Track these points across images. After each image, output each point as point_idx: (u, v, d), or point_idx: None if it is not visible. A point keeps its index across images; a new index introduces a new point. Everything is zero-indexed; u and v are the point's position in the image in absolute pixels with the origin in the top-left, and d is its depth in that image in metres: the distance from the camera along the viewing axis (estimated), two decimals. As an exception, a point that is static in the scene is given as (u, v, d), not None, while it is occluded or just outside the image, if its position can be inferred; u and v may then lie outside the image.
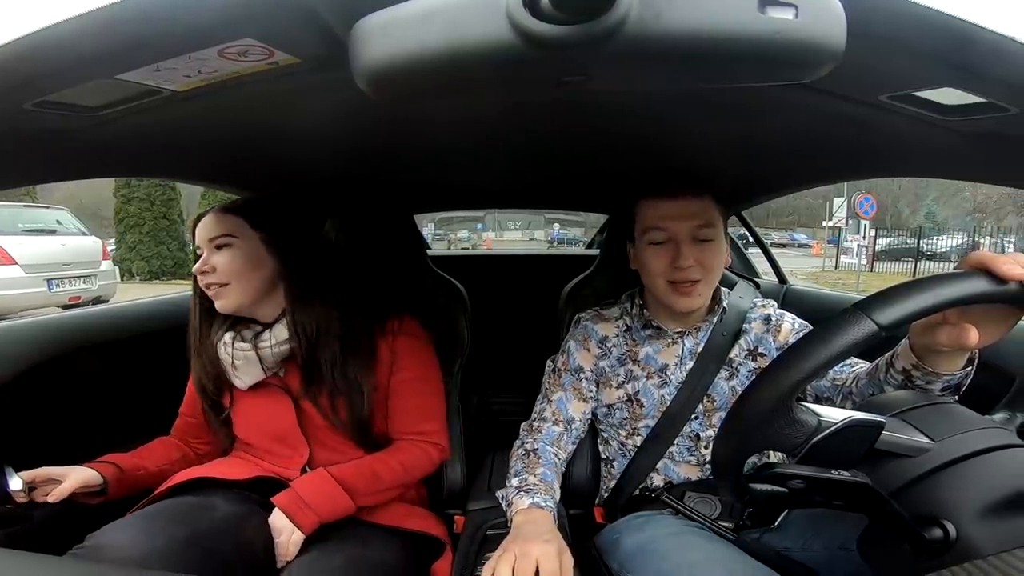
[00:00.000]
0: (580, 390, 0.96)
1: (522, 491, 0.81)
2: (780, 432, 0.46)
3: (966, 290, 0.46)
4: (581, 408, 0.96)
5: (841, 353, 0.44)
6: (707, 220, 0.86)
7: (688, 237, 0.85)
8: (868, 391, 0.71)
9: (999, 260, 0.47)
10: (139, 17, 0.40)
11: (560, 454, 0.92)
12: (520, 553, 0.65)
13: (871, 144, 0.74)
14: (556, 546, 0.67)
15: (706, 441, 0.91)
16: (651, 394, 0.93)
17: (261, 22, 0.42)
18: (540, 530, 0.72)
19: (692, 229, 0.85)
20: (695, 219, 0.85)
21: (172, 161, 0.89)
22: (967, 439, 0.46)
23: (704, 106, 0.69)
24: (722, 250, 0.88)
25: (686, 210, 0.86)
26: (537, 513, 0.76)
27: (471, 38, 0.31)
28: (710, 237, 0.86)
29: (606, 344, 0.97)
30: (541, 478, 0.84)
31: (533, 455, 0.89)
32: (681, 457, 0.92)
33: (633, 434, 0.94)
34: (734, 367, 0.93)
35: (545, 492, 0.81)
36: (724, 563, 0.70)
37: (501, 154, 1.02)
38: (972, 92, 0.47)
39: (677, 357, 0.94)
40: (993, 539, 0.40)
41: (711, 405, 0.92)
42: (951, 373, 0.61)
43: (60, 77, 0.46)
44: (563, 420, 0.95)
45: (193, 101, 0.56)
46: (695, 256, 0.85)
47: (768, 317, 0.96)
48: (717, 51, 0.31)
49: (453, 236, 11.82)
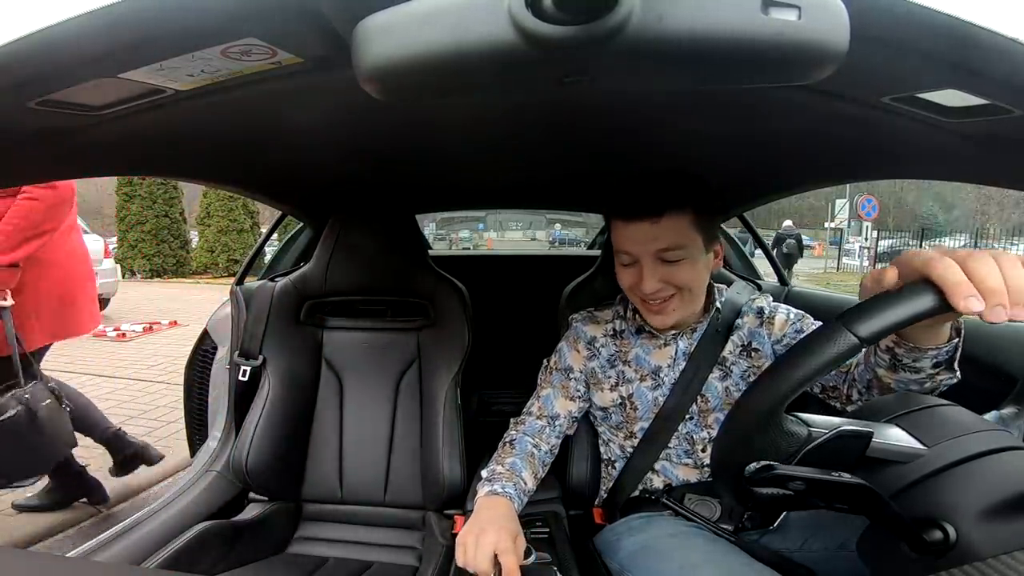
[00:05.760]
0: (568, 389, 0.98)
1: (487, 480, 0.84)
2: (772, 443, 0.47)
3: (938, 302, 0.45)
4: (567, 406, 0.97)
5: (824, 366, 0.44)
6: (671, 242, 0.80)
7: (652, 259, 0.82)
8: (865, 376, 0.71)
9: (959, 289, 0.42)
10: (142, 16, 0.40)
11: (541, 445, 0.94)
12: (475, 541, 0.69)
13: (873, 146, 0.74)
14: (509, 531, 0.71)
15: (702, 444, 0.91)
16: (644, 396, 0.93)
17: (264, 22, 0.42)
18: (495, 515, 0.75)
19: (655, 252, 0.81)
20: (656, 243, 0.81)
21: (174, 160, 0.89)
22: (961, 443, 0.45)
23: (705, 107, 0.69)
24: (697, 267, 0.83)
25: (647, 234, 0.81)
26: (495, 500, 0.80)
27: (473, 38, 0.31)
28: (678, 258, 0.81)
29: (594, 345, 0.97)
30: (509, 467, 0.87)
31: (509, 445, 0.93)
32: (679, 459, 0.92)
33: (630, 436, 0.94)
34: (727, 367, 0.92)
35: (508, 480, 0.84)
36: (725, 564, 0.70)
37: (502, 154, 1.02)
38: (975, 94, 0.47)
39: (670, 359, 0.93)
40: (993, 541, 0.40)
41: (705, 406, 0.91)
42: (935, 347, 0.58)
43: (63, 76, 0.46)
44: (547, 415, 0.97)
45: (196, 100, 0.56)
46: (662, 276, 0.82)
47: (761, 310, 0.94)
48: (719, 52, 0.31)
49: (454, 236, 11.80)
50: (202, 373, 1.45)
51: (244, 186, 1.19)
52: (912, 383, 0.64)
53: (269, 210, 2.11)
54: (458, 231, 12.35)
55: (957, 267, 0.44)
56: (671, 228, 0.80)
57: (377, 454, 1.23)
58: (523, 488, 0.85)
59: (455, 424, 1.15)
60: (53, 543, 1.78)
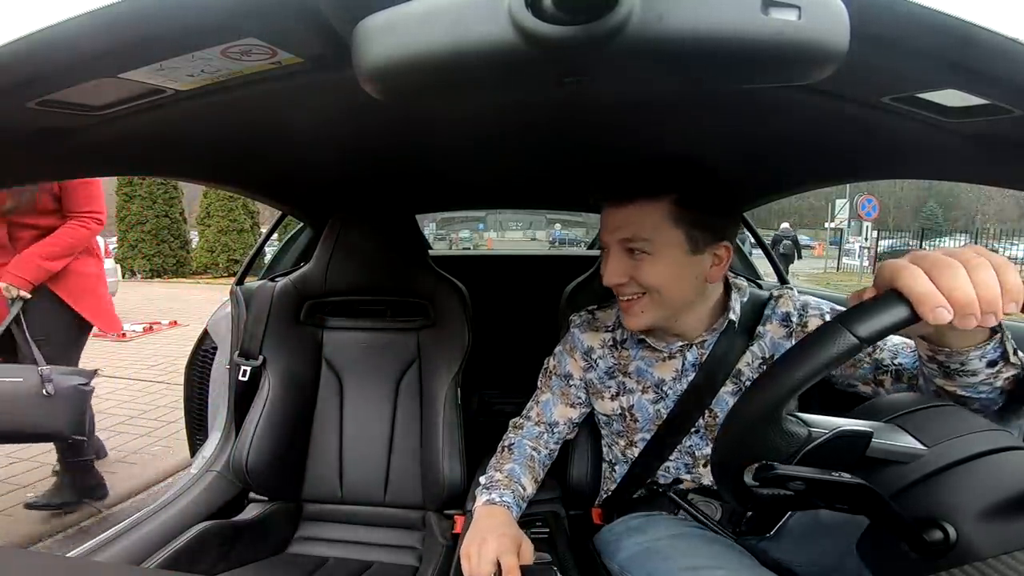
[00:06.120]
0: (568, 395, 0.96)
1: (485, 488, 0.84)
2: (771, 443, 0.47)
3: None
4: (567, 413, 0.96)
5: (824, 367, 0.44)
6: (635, 233, 0.75)
7: (617, 249, 0.78)
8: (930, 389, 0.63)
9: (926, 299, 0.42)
10: (142, 16, 0.40)
11: (540, 449, 0.93)
12: (477, 551, 0.69)
13: (873, 146, 0.74)
14: (512, 538, 0.71)
15: (704, 459, 0.87)
16: (645, 408, 0.89)
17: (264, 22, 0.42)
18: (495, 524, 0.75)
19: (619, 241, 0.77)
20: (619, 231, 0.77)
21: (174, 160, 0.89)
22: (962, 443, 0.45)
23: (705, 107, 0.69)
24: (671, 266, 0.76)
25: (613, 220, 0.77)
26: (493, 509, 0.79)
27: (473, 38, 0.31)
28: (642, 250, 0.76)
29: (591, 356, 0.93)
30: (507, 473, 0.86)
31: (507, 450, 0.92)
32: (678, 471, 0.89)
33: (631, 445, 0.92)
34: (742, 381, 0.84)
35: (506, 487, 0.83)
36: (726, 564, 0.70)
37: (502, 154, 1.02)
38: (975, 94, 0.47)
39: (675, 371, 0.87)
40: (993, 541, 0.40)
41: (713, 421, 0.85)
42: (975, 346, 0.54)
43: (63, 76, 0.46)
44: (545, 422, 0.95)
45: (196, 100, 0.56)
46: (627, 270, 0.77)
47: (788, 317, 0.84)
48: (720, 52, 0.31)
49: (454, 236, 11.79)
50: (202, 373, 1.45)
51: (244, 186, 1.19)
52: (981, 387, 0.58)
53: (269, 210, 2.12)
54: (458, 231, 12.34)
55: (924, 277, 0.43)
56: (638, 217, 0.75)
57: (377, 454, 1.23)
58: (521, 495, 0.85)
59: (455, 424, 1.15)
60: (53, 543, 1.79)
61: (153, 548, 0.93)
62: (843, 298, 1.49)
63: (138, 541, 0.95)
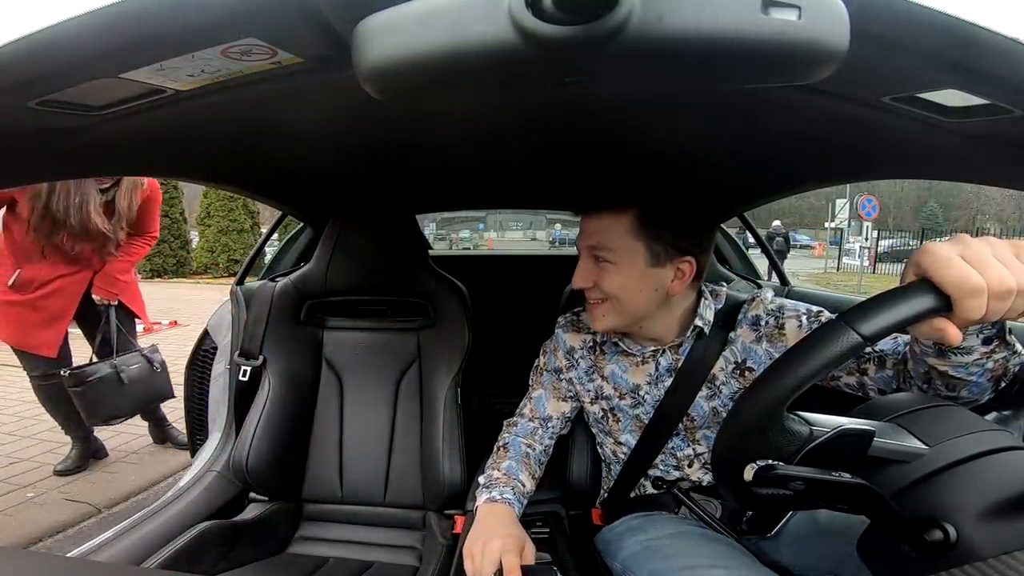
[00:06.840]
0: (559, 390, 0.98)
1: (484, 487, 0.84)
2: (772, 442, 0.47)
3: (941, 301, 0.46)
4: (559, 407, 0.97)
5: (827, 365, 0.44)
6: (599, 242, 0.80)
7: (586, 254, 0.83)
8: (920, 370, 0.63)
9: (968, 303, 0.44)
10: (142, 16, 0.40)
11: (535, 446, 0.94)
12: (481, 550, 0.69)
13: (873, 146, 0.74)
14: (516, 538, 0.71)
15: (687, 460, 0.89)
16: (626, 413, 0.92)
17: (264, 22, 0.42)
18: (498, 523, 0.75)
19: (588, 248, 0.82)
20: (589, 238, 0.82)
21: (174, 160, 0.89)
22: (963, 443, 0.45)
23: (705, 107, 0.69)
24: (631, 277, 0.79)
25: (585, 228, 0.83)
26: (496, 507, 0.80)
27: (473, 38, 0.31)
28: (606, 259, 0.80)
29: (573, 356, 0.96)
30: (506, 471, 0.87)
31: (503, 449, 0.93)
32: (667, 474, 0.91)
33: (618, 444, 0.94)
34: (716, 386, 0.85)
35: (505, 485, 0.84)
36: (726, 563, 0.70)
37: (503, 155, 1.02)
38: (975, 94, 0.47)
39: (649, 376, 0.88)
40: (994, 541, 0.40)
41: (691, 424, 0.87)
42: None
43: (63, 76, 0.46)
44: (539, 417, 0.97)
45: (196, 100, 0.56)
46: (593, 275, 0.81)
47: (758, 320, 0.83)
48: (720, 52, 0.31)
49: (454, 236, 11.79)
50: (202, 373, 1.45)
51: (244, 186, 1.19)
52: (973, 367, 0.58)
53: (269, 210, 2.14)
54: (458, 231, 12.34)
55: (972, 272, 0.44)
56: (604, 227, 0.80)
57: (377, 454, 1.23)
58: (521, 491, 0.85)
59: (455, 424, 1.15)
60: (53, 543, 1.79)
61: (153, 548, 0.93)
62: (843, 298, 1.49)
63: (138, 541, 0.95)
